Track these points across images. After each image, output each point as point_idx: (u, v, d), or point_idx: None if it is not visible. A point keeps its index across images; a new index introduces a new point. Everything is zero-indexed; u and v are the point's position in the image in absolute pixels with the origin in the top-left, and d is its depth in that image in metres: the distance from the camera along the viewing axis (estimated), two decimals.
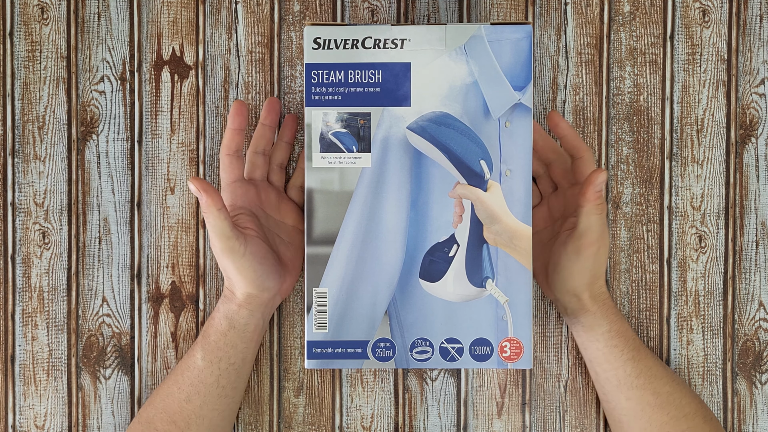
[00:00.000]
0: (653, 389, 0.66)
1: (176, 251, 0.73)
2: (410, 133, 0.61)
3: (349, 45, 0.61)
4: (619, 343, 0.66)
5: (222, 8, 0.72)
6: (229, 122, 0.67)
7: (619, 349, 0.66)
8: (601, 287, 0.67)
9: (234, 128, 0.67)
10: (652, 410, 0.66)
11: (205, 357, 0.66)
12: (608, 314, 0.67)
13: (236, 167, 0.68)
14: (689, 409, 0.67)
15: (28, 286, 0.72)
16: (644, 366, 0.67)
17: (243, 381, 0.69)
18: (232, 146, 0.67)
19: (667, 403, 0.66)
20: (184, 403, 0.66)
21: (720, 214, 0.73)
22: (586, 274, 0.65)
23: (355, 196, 0.61)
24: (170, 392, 0.67)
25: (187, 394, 0.66)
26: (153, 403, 0.68)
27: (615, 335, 0.66)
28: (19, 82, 0.72)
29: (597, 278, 0.66)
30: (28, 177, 0.72)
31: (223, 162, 0.68)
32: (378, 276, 0.62)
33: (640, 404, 0.66)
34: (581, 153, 0.67)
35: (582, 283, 0.65)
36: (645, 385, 0.66)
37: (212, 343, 0.67)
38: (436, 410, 0.73)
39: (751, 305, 0.73)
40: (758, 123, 0.73)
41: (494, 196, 0.61)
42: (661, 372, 0.67)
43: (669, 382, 0.67)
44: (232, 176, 0.68)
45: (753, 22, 0.73)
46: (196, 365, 0.67)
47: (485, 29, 0.60)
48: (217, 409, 0.67)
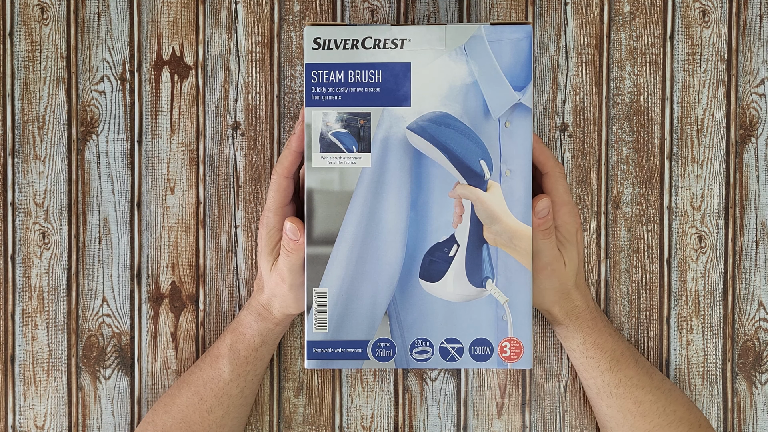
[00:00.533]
0: (634, 398, 0.67)
1: (176, 251, 0.73)
2: (410, 133, 0.61)
3: (349, 45, 0.61)
4: (595, 354, 0.67)
5: (222, 8, 0.72)
6: (294, 143, 0.64)
7: (595, 360, 0.67)
8: (573, 302, 0.67)
9: (298, 151, 0.64)
10: (634, 418, 0.67)
11: (233, 371, 0.67)
12: (581, 328, 0.67)
13: (290, 191, 0.65)
14: (673, 417, 0.67)
15: (28, 286, 0.72)
16: (623, 376, 0.67)
17: (259, 385, 0.71)
18: (293, 169, 0.64)
19: (649, 411, 0.67)
20: (206, 413, 0.67)
21: (720, 214, 0.73)
22: (548, 293, 0.66)
23: (355, 196, 0.61)
24: (191, 403, 0.67)
25: (210, 406, 0.67)
26: (169, 413, 0.67)
27: (590, 347, 0.67)
28: (19, 82, 0.72)
29: (565, 295, 0.66)
30: (28, 177, 0.72)
31: (281, 184, 0.64)
32: (378, 276, 0.62)
33: (621, 412, 0.67)
34: (546, 168, 0.66)
35: (548, 300, 0.66)
36: (625, 394, 0.67)
37: (242, 357, 0.67)
38: (436, 410, 0.73)
39: (751, 305, 0.73)
40: (758, 123, 0.73)
41: (494, 196, 0.61)
42: (644, 381, 0.67)
43: (652, 391, 0.67)
44: (286, 199, 0.65)
45: (753, 22, 0.73)
46: (223, 378, 0.67)
47: (485, 29, 0.60)
48: (237, 417, 0.68)
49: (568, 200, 0.65)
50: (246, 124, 0.72)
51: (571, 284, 0.66)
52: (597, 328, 0.68)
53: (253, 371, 0.68)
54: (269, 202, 0.65)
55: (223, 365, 0.67)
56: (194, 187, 0.73)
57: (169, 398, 0.68)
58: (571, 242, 0.66)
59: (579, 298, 0.67)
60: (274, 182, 0.64)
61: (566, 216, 0.65)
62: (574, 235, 0.66)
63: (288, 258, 0.63)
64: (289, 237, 0.62)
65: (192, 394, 0.67)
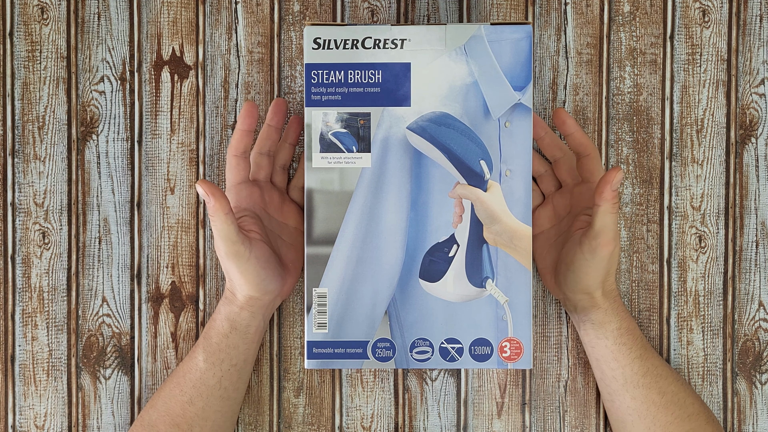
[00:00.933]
0: (659, 388, 0.66)
1: (176, 251, 0.73)
2: (410, 133, 0.61)
3: (349, 45, 0.61)
4: (627, 341, 0.66)
5: (222, 8, 0.72)
6: (239, 122, 0.66)
7: (627, 347, 0.66)
8: (612, 284, 0.66)
9: (244, 129, 0.66)
10: (657, 410, 0.66)
11: (207, 359, 0.66)
12: (618, 311, 0.66)
13: (243, 168, 0.67)
14: (693, 409, 0.67)
15: (28, 286, 0.72)
16: (651, 365, 0.67)
17: (244, 382, 0.69)
18: (240, 147, 0.67)
19: (671, 402, 0.66)
20: (187, 405, 0.66)
21: (720, 214, 0.73)
22: (600, 272, 0.64)
23: (355, 196, 0.61)
24: (172, 395, 0.67)
25: (190, 397, 0.66)
26: (155, 406, 0.67)
27: (624, 332, 0.66)
28: (19, 82, 0.72)
29: (609, 275, 0.65)
30: (28, 177, 0.72)
31: (230, 162, 0.67)
32: (378, 276, 0.62)
33: (645, 403, 0.66)
34: (588, 150, 0.67)
35: (596, 281, 0.65)
36: (651, 384, 0.66)
37: (214, 344, 0.66)
38: (436, 410, 0.73)
39: (751, 305, 0.73)
40: (758, 123, 0.73)
41: (494, 196, 0.61)
42: (666, 371, 0.67)
43: (674, 382, 0.67)
44: (238, 177, 0.67)
45: (753, 22, 0.73)
46: (198, 367, 0.67)
47: (485, 29, 0.60)
48: (219, 411, 0.67)
49: None
50: None
51: (616, 265, 0.65)
52: (628, 313, 0.67)
53: (227, 360, 0.66)
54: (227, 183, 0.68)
55: (198, 353, 0.67)
56: (194, 187, 0.73)
57: (156, 393, 0.69)
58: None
59: (614, 282, 0.67)
60: (228, 162, 0.68)
61: None
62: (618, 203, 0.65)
63: (213, 225, 0.62)
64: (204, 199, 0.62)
65: (173, 386, 0.67)
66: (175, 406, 0.66)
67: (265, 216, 0.68)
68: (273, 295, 0.67)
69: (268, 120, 0.69)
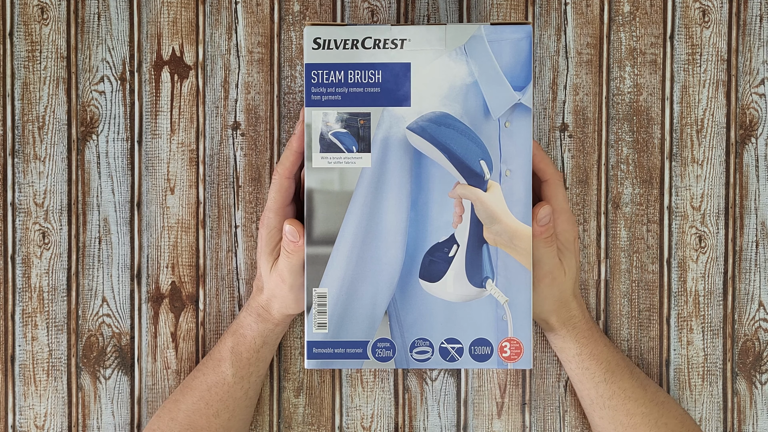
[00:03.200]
0: (626, 410, 0.67)
1: (176, 251, 0.73)
2: (410, 133, 0.61)
3: (349, 45, 0.61)
4: (590, 366, 0.67)
5: (222, 8, 0.72)
6: (295, 144, 0.64)
7: (590, 372, 0.67)
8: (570, 311, 0.67)
9: (298, 151, 0.64)
10: (624, 429, 0.67)
11: (236, 374, 0.67)
12: (578, 338, 0.67)
13: (291, 191, 0.65)
14: (666, 430, 0.67)
15: (28, 286, 0.72)
16: (618, 387, 0.67)
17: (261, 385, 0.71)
18: (294, 169, 0.65)
19: (641, 424, 0.67)
20: (213, 418, 0.67)
21: (720, 214, 0.73)
22: (547, 302, 0.66)
23: (355, 197, 0.61)
24: (196, 408, 0.67)
25: (216, 410, 0.67)
26: (176, 419, 0.67)
27: (586, 358, 0.67)
28: (19, 82, 0.72)
29: (563, 304, 0.66)
30: (28, 177, 0.72)
31: (282, 185, 0.65)
32: (378, 276, 0.62)
33: (612, 424, 0.67)
34: (546, 176, 0.66)
35: (546, 309, 0.66)
36: (618, 406, 0.67)
37: (244, 360, 0.67)
38: (436, 410, 0.73)
39: (751, 305, 0.73)
40: (758, 123, 0.73)
41: (494, 196, 0.61)
42: (637, 393, 0.67)
43: (645, 404, 0.67)
44: (287, 200, 0.65)
45: (753, 22, 0.73)
46: (227, 381, 0.67)
47: (485, 29, 0.60)
48: (242, 419, 0.69)
49: (567, 208, 0.65)
50: (246, 124, 0.72)
51: (569, 293, 0.66)
52: (593, 338, 0.68)
53: (255, 372, 0.68)
54: (270, 203, 0.65)
55: (226, 368, 0.67)
56: (194, 187, 0.73)
57: (173, 404, 0.68)
58: (570, 250, 0.66)
59: (576, 308, 0.67)
60: (275, 182, 0.65)
61: (565, 224, 0.65)
62: (572, 243, 0.66)
63: (288, 259, 0.63)
64: (289, 239, 0.62)
65: (197, 399, 0.67)
66: (200, 419, 0.67)
67: None
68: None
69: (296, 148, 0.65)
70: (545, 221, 0.62)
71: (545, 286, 0.65)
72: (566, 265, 0.65)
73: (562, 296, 0.66)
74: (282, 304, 0.66)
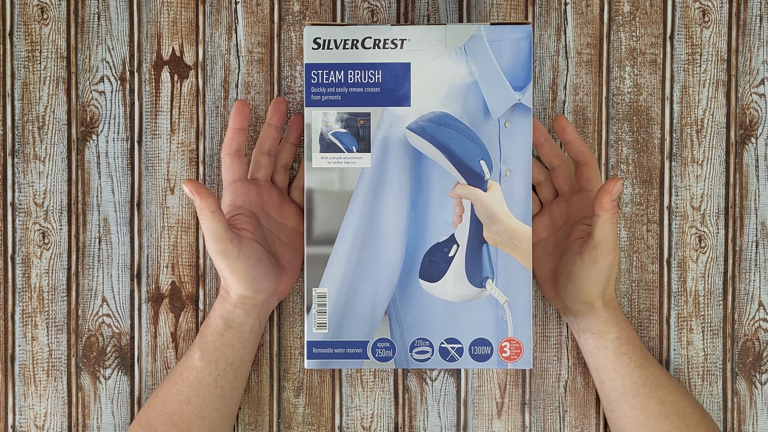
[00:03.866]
0: (658, 398, 0.66)
1: (176, 251, 0.73)
2: (410, 133, 0.61)
3: (348, 45, 0.61)
4: (627, 351, 0.66)
5: (222, 8, 0.72)
6: (231, 121, 0.66)
7: (627, 357, 0.66)
8: (612, 293, 0.66)
9: (235, 127, 0.66)
10: (656, 419, 0.66)
11: (203, 357, 0.66)
12: (618, 320, 0.66)
13: (237, 167, 0.67)
14: (692, 419, 0.67)
15: (28, 286, 0.72)
16: (650, 374, 0.67)
17: (242, 381, 0.69)
18: (233, 145, 0.67)
19: (671, 412, 0.66)
20: (184, 404, 0.66)
21: (720, 214, 0.73)
22: (601, 282, 0.64)
23: (354, 196, 0.61)
24: (169, 393, 0.67)
25: (187, 396, 0.66)
26: (152, 405, 0.67)
27: (624, 342, 0.66)
28: (19, 82, 0.72)
29: (609, 285, 0.65)
30: (28, 177, 0.72)
31: (224, 161, 0.67)
32: (378, 276, 0.62)
33: (644, 413, 0.66)
34: (587, 159, 0.67)
35: (597, 291, 0.65)
36: (650, 394, 0.66)
37: (209, 343, 0.66)
38: (436, 410, 0.73)
39: (751, 305, 0.73)
40: (758, 123, 0.73)
41: (494, 196, 0.61)
42: (666, 381, 0.67)
43: (673, 392, 0.67)
44: (233, 176, 0.67)
45: (753, 22, 0.73)
46: (195, 366, 0.67)
47: (485, 29, 0.60)
48: (217, 410, 0.67)
49: None
50: None
51: (615, 274, 0.65)
52: (628, 323, 0.67)
53: (223, 359, 0.66)
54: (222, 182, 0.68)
55: (194, 352, 0.67)
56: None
57: (154, 392, 0.69)
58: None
59: (613, 291, 0.67)
60: (222, 161, 0.68)
61: None
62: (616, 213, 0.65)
63: (201, 223, 0.62)
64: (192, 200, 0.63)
65: (171, 384, 0.67)
66: (172, 404, 0.66)
67: (262, 215, 0.68)
68: (267, 294, 0.66)
69: (268, 119, 0.69)
70: (617, 196, 0.60)
71: (607, 264, 0.63)
72: None
73: (611, 277, 0.65)
74: (226, 279, 0.65)
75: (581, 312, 0.67)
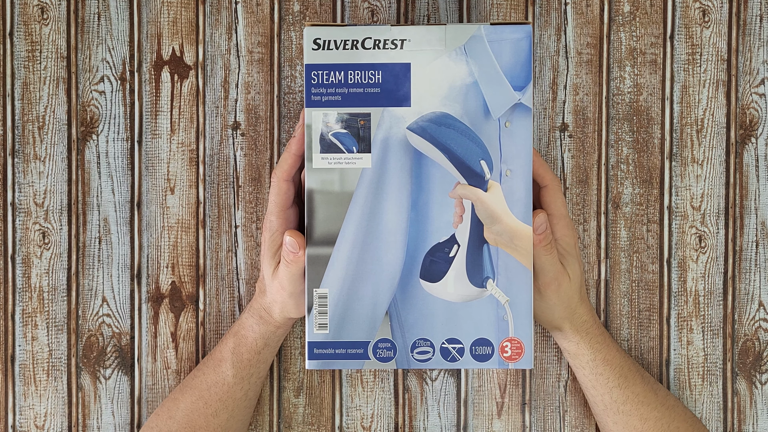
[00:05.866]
0: (640, 415, 0.67)
1: (176, 251, 0.73)
2: (410, 133, 0.61)
3: (348, 45, 0.61)
4: (604, 371, 0.67)
5: (222, 8, 0.72)
6: (294, 147, 0.63)
7: (604, 377, 0.67)
8: (582, 316, 0.67)
9: (297, 154, 0.63)
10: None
11: (236, 374, 0.67)
12: (591, 343, 0.67)
13: (290, 194, 0.65)
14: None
15: (28, 286, 0.72)
16: (631, 393, 0.67)
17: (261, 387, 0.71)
18: (292, 172, 0.64)
19: (654, 428, 0.67)
20: (211, 417, 0.67)
21: (720, 214, 0.73)
22: (557, 309, 0.66)
23: (355, 197, 0.61)
24: (196, 407, 0.67)
25: (215, 410, 0.67)
26: (174, 417, 0.67)
27: (600, 363, 0.67)
28: (19, 82, 0.72)
29: (572, 310, 0.66)
30: (28, 177, 0.72)
31: (281, 188, 0.64)
32: (378, 276, 0.62)
33: (626, 429, 0.67)
34: (545, 182, 0.65)
35: (557, 317, 0.66)
36: (632, 411, 0.67)
37: (245, 361, 0.67)
38: (436, 410, 0.73)
39: (751, 305, 0.73)
40: (758, 123, 0.73)
41: (494, 196, 0.61)
42: (650, 398, 0.67)
43: (657, 408, 0.67)
44: (287, 202, 0.64)
45: (753, 22, 0.73)
46: (227, 382, 0.67)
47: (485, 29, 0.60)
48: (241, 420, 0.69)
49: (566, 213, 0.65)
50: (246, 124, 0.72)
51: (577, 298, 0.66)
52: (606, 343, 0.68)
53: (256, 374, 0.68)
54: (271, 206, 0.64)
55: (227, 369, 0.67)
56: (194, 187, 0.73)
57: (172, 402, 0.68)
58: (572, 255, 0.65)
59: (586, 312, 0.67)
60: (275, 185, 0.64)
61: (564, 229, 0.65)
62: (573, 247, 0.66)
63: (288, 269, 0.63)
64: (289, 250, 0.62)
65: (196, 398, 0.67)
66: (198, 418, 0.67)
67: None
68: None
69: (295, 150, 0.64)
70: (542, 228, 0.62)
71: (552, 293, 0.65)
72: (570, 271, 0.65)
73: (570, 302, 0.66)
74: (283, 308, 0.65)
75: (553, 333, 0.69)
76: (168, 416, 0.68)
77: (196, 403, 0.67)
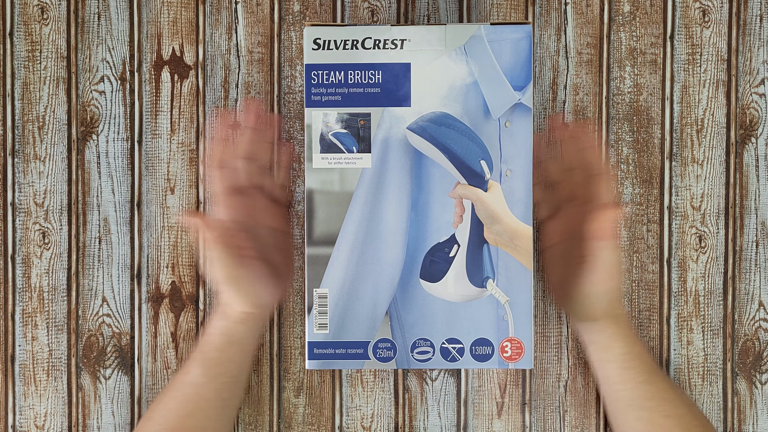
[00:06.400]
0: (664, 412, 0.66)
1: (176, 251, 0.73)
2: (410, 133, 0.61)
3: (348, 45, 0.61)
4: (634, 365, 0.66)
5: (222, 8, 0.72)
6: (215, 131, 0.64)
7: (634, 371, 0.66)
8: (618, 309, 0.67)
9: (220, 138, 0.64)
10: None
11: (205, 373, 0.66)
12: (625, 336, 0.66)
13: (226, 178, 0.65)
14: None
15: (28, 286, 0.72)
16: (657, 389, 0.66)
17: (243, 389, 0.69)
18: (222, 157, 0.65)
19: (676, 426, 0.66)
20: (185, 419, 0.65)
21: (720, 214, 0.73)
22: (603, 299, 0.65)
23: (355, 197, 0.61)
24: (168, 408, 0.66)
25: (188, 411, 0.65)
26: (152, 418, 0.66)
27: (630, 357, 0.66)
28: (19, 82, 0.72)
29: (614, 301, 0.66)
30: (28, 177, 0.72)
31: (214, 175, 0.65)
32: (379, 276, 0.62)
33: (648, 426, 0.66)
34: (597, 170, 0.66)
35: (599, 309, 0.65)
36: (656, 408, 0.66)
37: (211, 359, 0.66)
38: (436, 410, 0.73)
39: (751, 305, 0.73)
40: (758, 123, 0.73)
41: (494, 196, 0.61)
42: (672, 395, 0.67)
43: (680, 405, 0.67)
44: (224, 188, 0.65)
45: (753, 22, 0.73)
46: (196, 381, 0.66)
47: (485, 29, 0.60)
48: (218, 420, 0.67)
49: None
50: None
51: (619, 289, 0.66)
52: (636, 338, 0.67)
53: (226, 373, 0.66)
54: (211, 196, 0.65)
55: (194, 368, 0.66)
56: (194, 187, 0.73)
57: (152, 405, 0.68)
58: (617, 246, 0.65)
59: (621, 306, 0.67)
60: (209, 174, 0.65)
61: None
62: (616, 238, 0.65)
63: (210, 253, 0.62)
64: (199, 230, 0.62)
65: (169, 399, 0.66)
66: (172, 419, 0.65)
67: (252, 224, 0.66)
68: (269, 308, 0.67)
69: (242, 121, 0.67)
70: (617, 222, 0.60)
71: (608, 280, 0.63)
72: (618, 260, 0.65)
73: (615, 294, 0.65)
74: (228, 298, 0.65)
75: (583, 325, 0.67)
76: (147, 418, 0.67)
77: (169, 404, 0.66)
